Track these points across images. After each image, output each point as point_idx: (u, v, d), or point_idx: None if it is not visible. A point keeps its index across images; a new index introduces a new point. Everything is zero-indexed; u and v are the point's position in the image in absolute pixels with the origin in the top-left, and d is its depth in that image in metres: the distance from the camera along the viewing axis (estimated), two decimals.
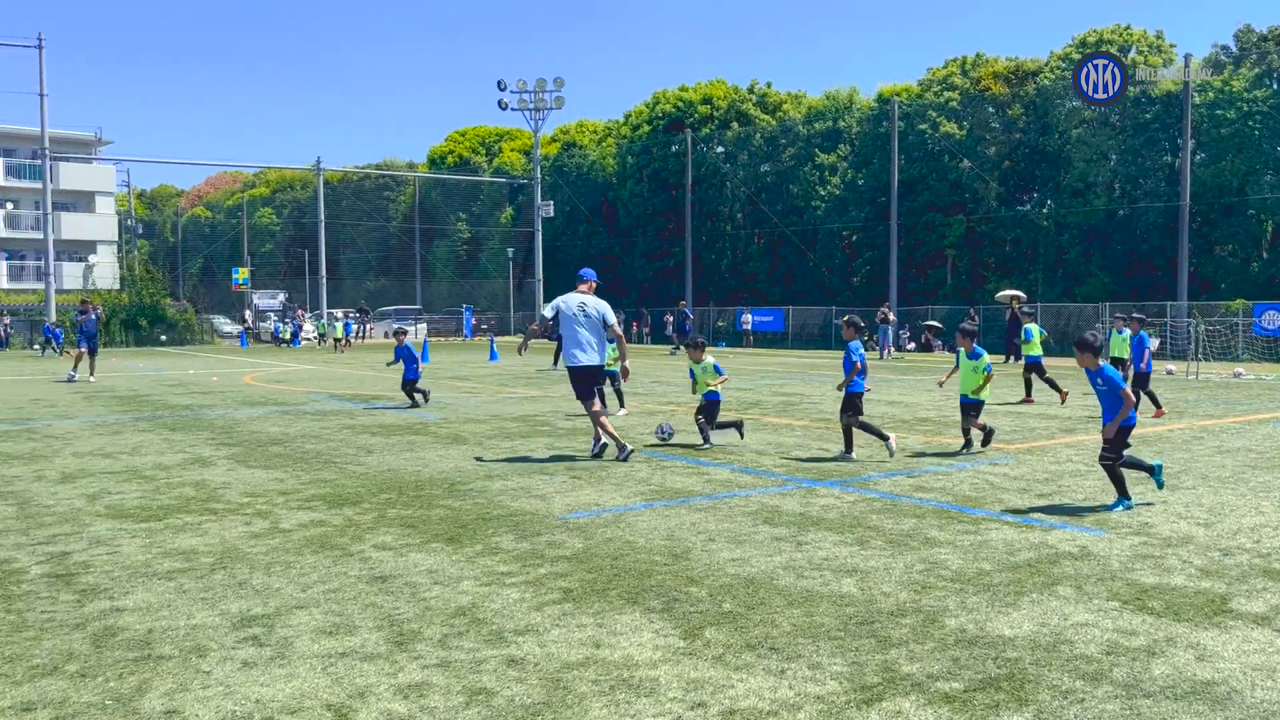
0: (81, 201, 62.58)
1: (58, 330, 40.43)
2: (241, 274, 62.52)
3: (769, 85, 55.23)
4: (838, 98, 51.01)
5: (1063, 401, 15.43)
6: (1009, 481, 8.92)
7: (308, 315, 56.51)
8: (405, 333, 17.55)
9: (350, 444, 11.66)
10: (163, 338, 48.39)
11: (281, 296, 64.55)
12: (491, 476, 9.34)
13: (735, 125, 52.79)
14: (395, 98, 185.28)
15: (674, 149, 53.44)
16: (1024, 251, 43.29)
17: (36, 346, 36.83)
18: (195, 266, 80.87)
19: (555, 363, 26.13)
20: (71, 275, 54.84)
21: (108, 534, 6.99)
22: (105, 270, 58.76)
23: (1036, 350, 16.50)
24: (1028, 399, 16.21)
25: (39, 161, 48.98)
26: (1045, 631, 4.78)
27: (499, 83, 53.51)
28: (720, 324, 49.48)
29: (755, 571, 5.88)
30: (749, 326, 45.49)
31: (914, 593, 5.43)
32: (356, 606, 5.27)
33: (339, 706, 3.95)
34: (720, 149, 52.80)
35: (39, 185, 53.14)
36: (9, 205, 61.08)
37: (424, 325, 59.34)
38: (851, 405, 10.37)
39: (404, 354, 16.26)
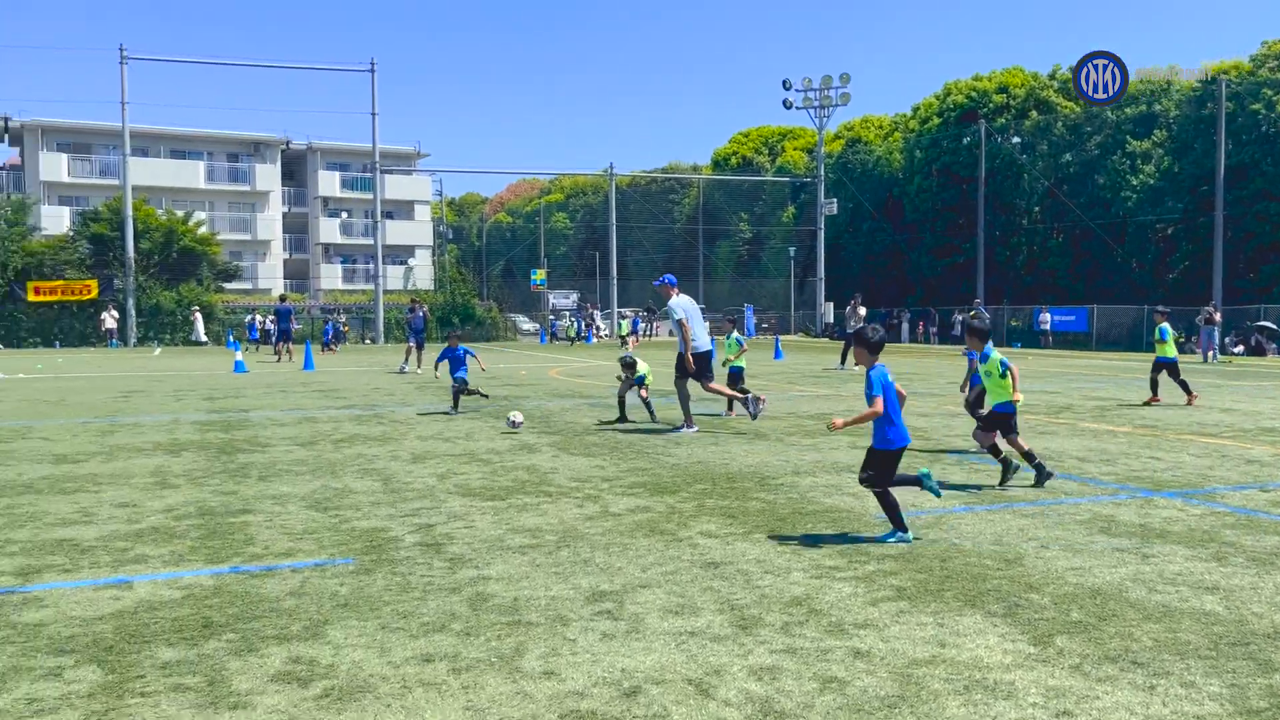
0: (402, 210, 69.02)
1: (252, 325, 44.29)
2: (539, 275, 66.50)
3: (1072, 70, 51.72)
4: (1153, 79, 46.97)
5: (1190, 402, 15.51)
6: None
7: (599, 314, 59.22)
8: (458, 335, 16.17)
9: (658, 435, 12.14)
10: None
11: (574, 296, 68.03)
12: (799, 472, 9.43)
13: (1034, 114, 49.94)
14: (681, 102, 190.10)
15: (965, 141, 51.30)
16: None
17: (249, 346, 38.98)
18: (497, 268, 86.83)
19: (843, 362, 25.91)
20: (394, 277, 60.56)
21: (462, 510, 7.71)
22: (423, 273, 64.42)
23: (1171, 351, 15.98)
24: (1154, 399, 15.90)
25: (369, 174, 54.45)
26: None
27: (784, 82, 53.68)
28: (1014, 323, 46.97)
29: (1100, 582, 5.59)
30: (1048, 326, 42.91)
31: None
32: (695, 589, 5.51)
33: (699, 682, 4.16)
34: (1016, 139, 50.08)
35: (367, 196, 59.12)
36: (344, 215, 68.39)
37: (707, 324, 60.52)
38: (978, 402, 10.47)
39: (449, 355, 15.22)
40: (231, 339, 44.95)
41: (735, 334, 15.54)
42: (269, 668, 4.33)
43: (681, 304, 12.92)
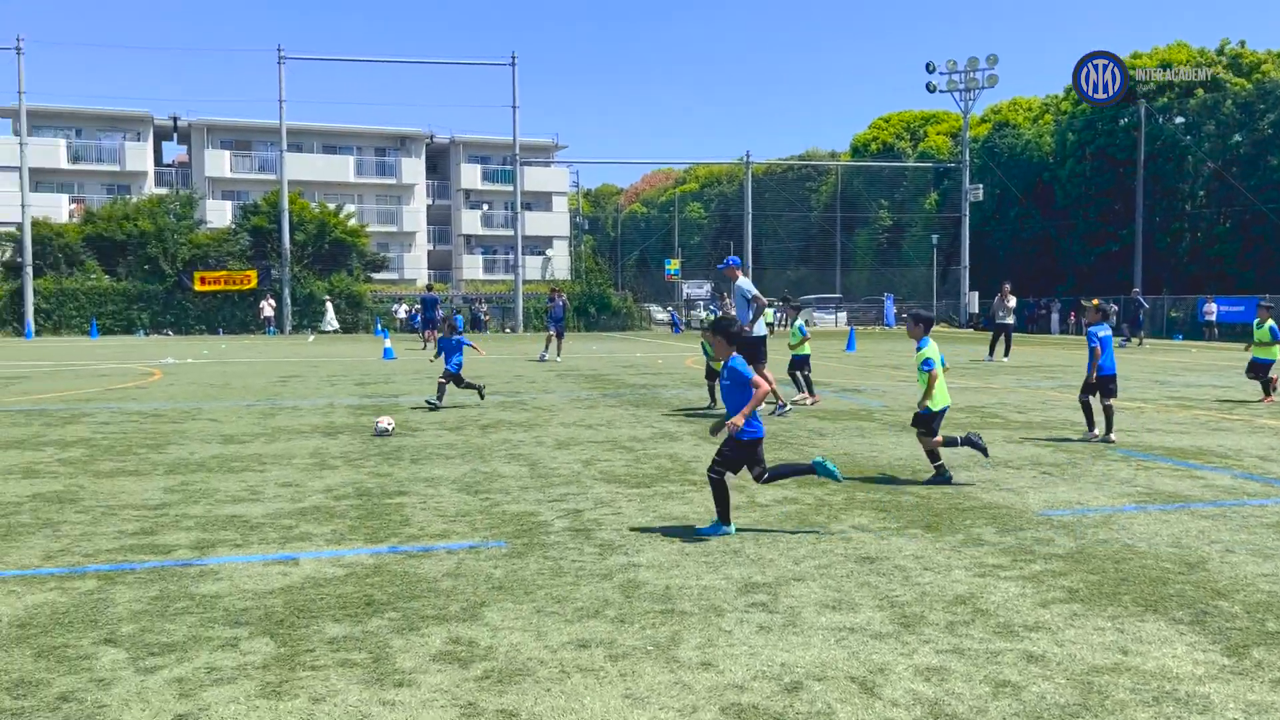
0: (540, 201, 70.19)
1: (414, 313, 44.52)
2: (673, 265, 66.56)
3: (1242, 44, 48.58)
4: None
5: (1267, 400, 14.74)
6: None
7: (731, 303, 58.90)
8: (450, 324, 15.35)
9: (800, 427, 11.93)
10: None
11: (708, 286, 67.85)
12: (953, 466, 9.07)
13: (1200, 92, 47.01)
14: (819, 88, 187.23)
15: (1123, 122, 48.75)
16: None
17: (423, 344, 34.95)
18: (632, 258, 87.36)
19: (991, 353, 24.99)
20: (532, 267, 61.66)
21: (608, 496, 7.72)
22: (560, 263, 65.39)
23: (1275, 353, 15.05)
24: (1268, 398, 14.85)
25: (509, 167, 55.56)
26: None
27: (928, 65, 52.17)
28: (1175, 314, 44.44)
29: None
30: (1213, 317, 40.40)
31: None
32: (851, 584, 5.35)
33: (863, 680, 4.01)
34: (1180, 119, 47.28)
35: (507, 188, 60.38)
36: (485, 206, 70.05)
37: (844, 314, 59.50)
38: (1103, 388, 10.54)
39: (445, 346, 14.65)
40: (380, 327, 46.63)
41: (800, 322, 15.28)
42: (430, 647, 4.39)
43: (751, 285, 13.47)
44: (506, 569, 5.64)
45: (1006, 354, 24.95)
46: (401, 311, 50.16)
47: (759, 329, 13.18)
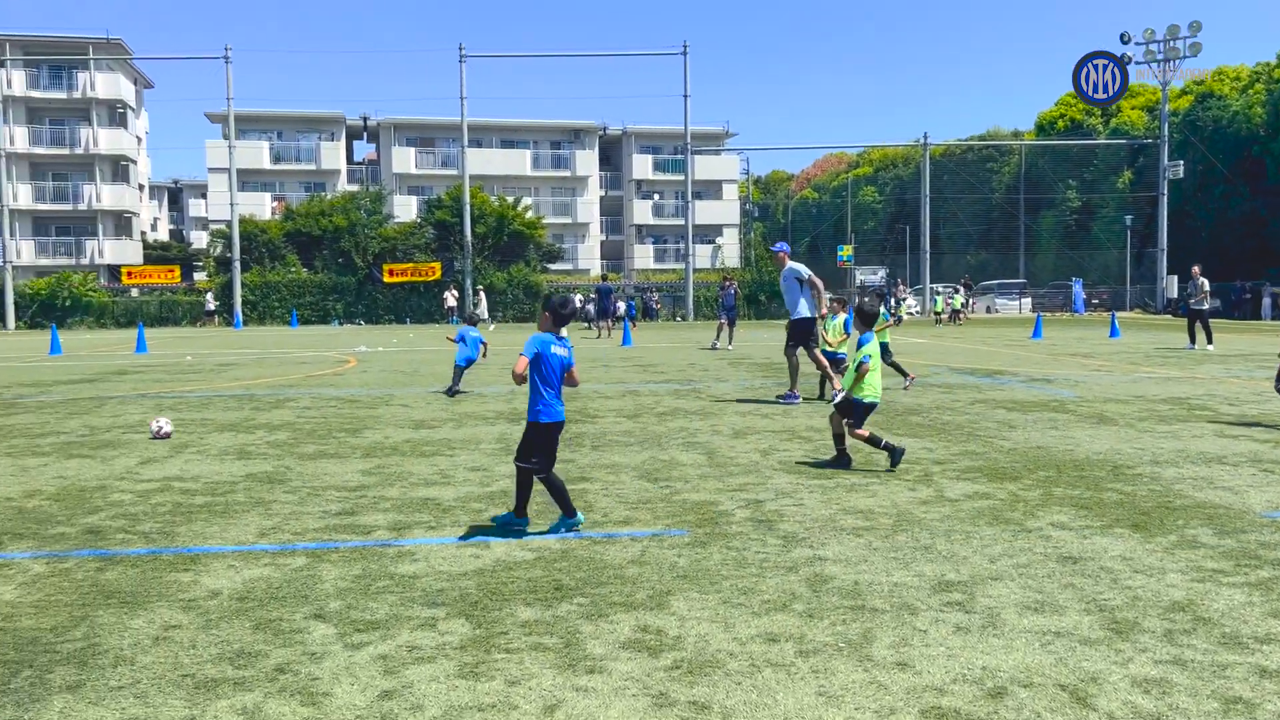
0: (710, 190, 70.18)
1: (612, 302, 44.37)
2: (845, 251, 65.26)
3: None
4: None
5: None
6: None
7: (909, 290, 57.27)
8: (469, 318, 15.76)
9: (987, 418, 11.44)
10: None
11: (882, 272, 66.22)
12: (1159, 462, 8.50)
13: None
14: (1001, 64, 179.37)
15: None
16: None
17: (591, 327, 36.87)
18: (803, 245, 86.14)
19: (1192, 341, 23.33)
20: (702, 256, 61.73)
21: (788, 487, 7.60)
22: (730, 251, 65.21)
23: None
24: None
25: (680, 156, 55.73)
26: None
27: (1122, 35, 49.17)
28: None
29: None
30: None
31: None
32: (1054, 585, 5.06)
33: (1074, 689, 3.78)
34: None
35: (678, 177, 60.61)
36: (656, 196, 70.60)
37: (1028, 300, 56.88)
38: None
39: (461, 337, 14.70)
40: None
41: (842, 316, 13.99)
42: (619, 634, 4.42)
43: (803, 267, 13.37)
44: (690, 558, 5.63)
45: (1210, 342, 23.23)
46: (576, 301, 51.21)
47: (807, 310, 13.14)
